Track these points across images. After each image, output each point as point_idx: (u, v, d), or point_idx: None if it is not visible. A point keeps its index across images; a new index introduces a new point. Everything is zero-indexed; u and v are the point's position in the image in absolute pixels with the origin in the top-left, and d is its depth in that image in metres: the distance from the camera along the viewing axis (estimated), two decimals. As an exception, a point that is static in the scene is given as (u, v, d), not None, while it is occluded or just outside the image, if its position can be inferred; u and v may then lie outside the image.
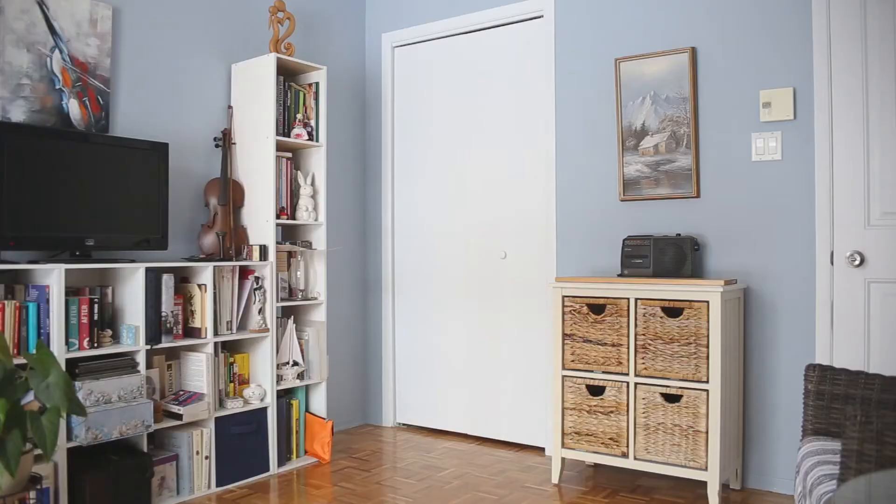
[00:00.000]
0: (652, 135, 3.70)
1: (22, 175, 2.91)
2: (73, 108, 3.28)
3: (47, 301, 2.87)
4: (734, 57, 3.51)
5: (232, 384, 3.64)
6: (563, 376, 3.52)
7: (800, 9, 3.34)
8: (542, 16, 4.11)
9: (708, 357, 3.15)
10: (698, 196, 3.60)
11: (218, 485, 3.46)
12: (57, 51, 3.22)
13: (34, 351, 2.59)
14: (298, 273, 3.96)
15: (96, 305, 3.05)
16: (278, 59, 3.78)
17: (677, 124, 3.63)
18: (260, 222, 3.77)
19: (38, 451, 2.57)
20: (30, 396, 2.56)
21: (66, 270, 2.98)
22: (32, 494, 2.56)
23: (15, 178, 2.88)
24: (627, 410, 3.34)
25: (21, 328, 2.80)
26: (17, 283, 2.95)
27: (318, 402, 4.01)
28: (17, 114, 3.09)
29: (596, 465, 3.84)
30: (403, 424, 4.74)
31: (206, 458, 3.41)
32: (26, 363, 2.60)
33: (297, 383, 3.86)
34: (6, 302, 2.76)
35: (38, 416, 2.24)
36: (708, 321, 3.15)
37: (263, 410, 3.68)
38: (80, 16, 3.30)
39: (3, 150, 2.85)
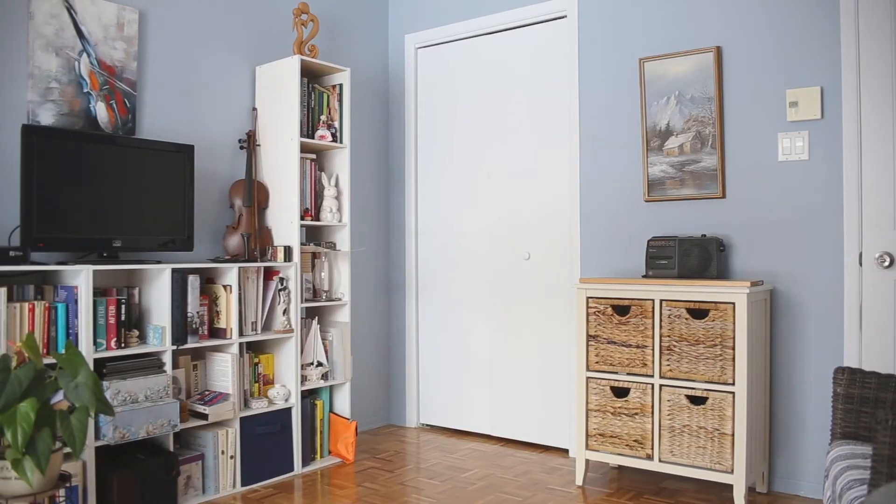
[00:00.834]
0: (677, 135, 3.67)
1: (51, 177, 2.95)
2: (101, 111, 3.32)
3: (76, 301, 2.91)
4: (760, 56, 3.47)
5: (257, 384, 3.66)
6: (588, 378, 3.51)
7: (827, 6, 3.30)
8: (565, 16, 4.10)
9: (734, 359, 3.12)
10: (724, 197, 3.57)
11: (243, 484, 3.49)
12: (85, 55, 3.26)
13: (63, 351, 2.62)
14: (322, 274, 3.97)
15: (123, 306, 3.08)
16: (302, 61, 3.80)
17: (702, 124, 3.60)
18: (284, 223, 3.79)
19: (68, 450, 2.60)
20: (59, 396, 2.60)
21: (94, 271, 3.02)
22: (62, 492, 2.60)
23: (44, 180, 2.92)
24: (652, 412, 3.32)
25: (50, 328, 2.84)
26: (47, 284, 2.99)
27: (342, 403, 4.02)
28: (47, 117, 3.13)
29: (620, 467, 3.82)
30: (427, 425, 4.75)
31: (232, 457, 3.44)
32: (56, 363, 2.63)
33: (322, 384, 3.87)
34: (36, 302, 2.80)
35: (67, 416, 2.27)
36: (734, 323, 3.12)
37: (288, 411, 3.70)
38: (108, 20, 3.34)
39: (32, 152, 2.89)
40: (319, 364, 3.90)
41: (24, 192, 2.87)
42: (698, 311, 3.22)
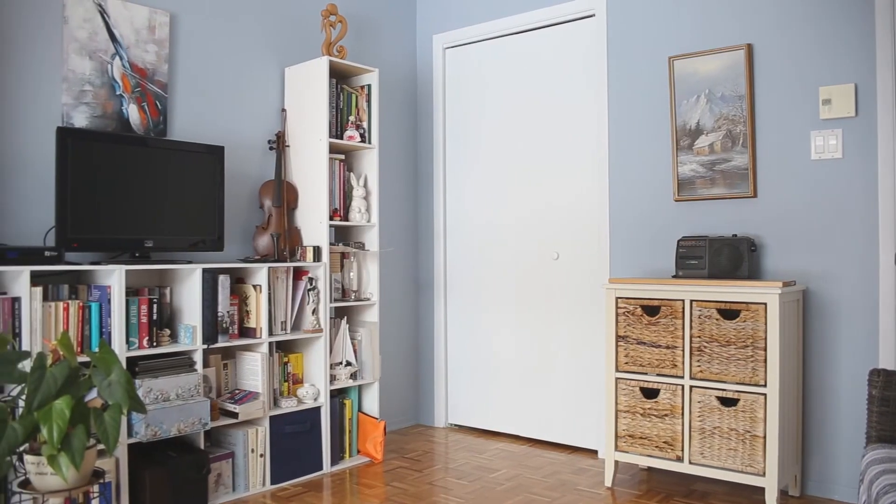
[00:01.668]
0: (707, 134, 3.63)
1: (84, 179, 2.99)
2: (133, 112, 3.36)
3: (109, 301, 2.95)
4: (792, 53, 3.43)
5: (286, 383, 3.69)
6: (617, 378, 3.48)
7: (861, 1, 3.24)
8: (593, 15, 4.07)
9: (766, 360, 3.08)
10: (755, 196, 3.52)
11: (272, 482, 3.51)
12: (117, 57, 3.31)
13: (97, 349, 2.66)
14: (351, 274, 3.99)
15: (155, 305, 3.12)
16: (331, 62, 3.82)
17: (733, 123, 3.56)
18: (313, 223, 3.81)
19: (101, 447, 2.64)
20: (93, 393, 2.64)
21: (127, 271, 3.06)
22: (96, 488, 2.64)
23: (78, 181, 2.97)
24: (682, 413, 3.29)
25: (84, 327, 2.88)
26: (81, 284, 3.04)
27: (371, 402, 4.04)
28: (80, 119, 3.18)
29: (649, 469, 3.79)
30: (455, 425, 4.75)
31: (261, 456, 3.46)
32: (89, 361, 2.67)
33: (350, 383, 3.89)
34: (70, 302, 2.84)
35: (100, 413, 2.30)
36: (765, 323, 3.08)
37: (317, 410, 3.72)
38: (139, 23, 3.38)
39: (66, 154, 2.93)
40: (348, 364, 3.92)
41: (59, 194, 2.92)
42: (729, 312, 3.19)
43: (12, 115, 3.00)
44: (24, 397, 2.25)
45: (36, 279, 2.77)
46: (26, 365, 2.52)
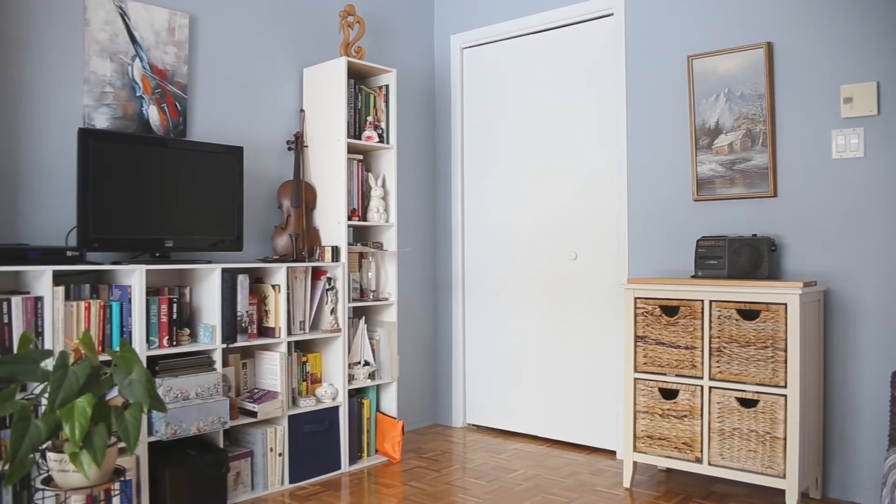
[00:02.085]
0: (726, 133, 3.61)
1: (105, 179, 3.02)
2: (153, 114, 3.39)
3: (129, 300, 2.98)
4: (813, 51, 3.40)
5: (304, 383, 3.70)
6: (636, 379, 3.47)
7: None
8: (612, 14, 4.06)
9: (786, 361, 3.05)
10: (775, 195, 3.49)
11: (291, 481, 3.53)
12: (137, 59, 3.34)
13: (118, 348, 2.69)
14: (370, 274, 4.00)
15: (175, 305, 3.14)
16: (349, 63, 3.84)
17: (753, 122, 3.53)
18: (332, 223, 3.83)
19: (122, 445, 2.67)
20: (114, 392, 2.66)
21: (147, 271, 3.09)
22: (117, 485, 2.66)
23: (99, 182, 3.00)
24: (701, 414, 3.27)
25: (105, 326, 2.91)
26: (102, 284, 3.07)
27: (389, 402, 4.05)
28: (101, 121, 3.21)
29: (668, 470, 3.77)
30: (473, 425, 4.74)
31: (280, 455, 3.48)
32: (111, 360, 2.69)
33: (369, 383, 3.90)
34: (91, 301, 2.87)
35: (121, 411, 2.32)
36: (786, 324, 3.05)
37: (335, 409, 3.74)
38: (159, 25, 3.41)
39: (88, 155, 2.97)
40: (366, 363, 3.93)
41: (81, 194, 2.95)
42: (749, 312, 3.16)
43: (35, 117, 3.04)
44: (46, 395, 2.28)
45: (58, 279, 2.80)
46: (49, 363, 2.55)
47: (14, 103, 2.98)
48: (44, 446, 2.33)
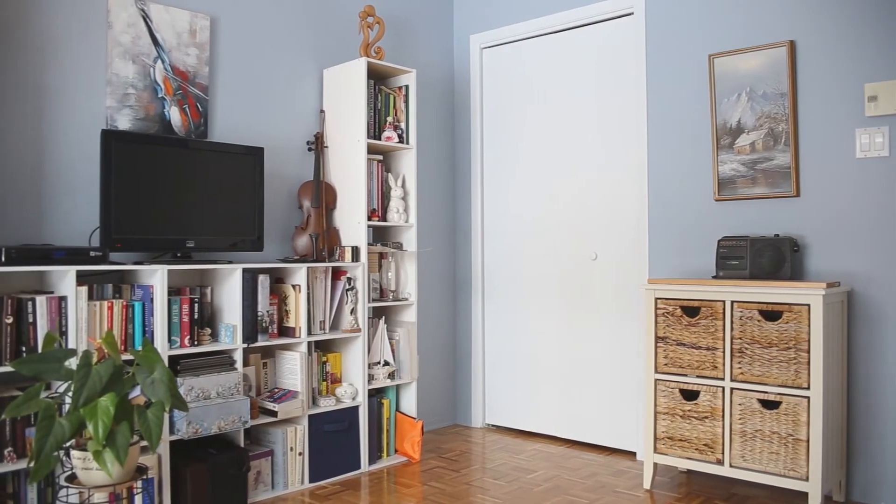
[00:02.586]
0: (748, 132, 3.58)
1: (128, 180, 3.05)
2: (175, 115, 3.42)
3: (151, 300, 3.00)
4: (836, 49, 3.36)
5: (324, 383, 3.72)
6: (656, 380, 3.45)
7: (909, -3, 3.17)
8: (632, 13, 4.04)
9: (809, 362, 3.02)
10: (798, 195, 3.46)
11: (311, 481, 3.54)
12: (159, 61, 3.37)
13: (140, 348, 2.71)
14: (389, 274, 4.01)
15: (196, 305, 3.17)
16: (368, 63, 3.84)
17: (775, 121, 3.50)
18: (352, 224, 3.84)
19: (144, 443, 2.69)
20: (136, 391, 2.69)
21: (169, 271, 3.11)
22: (139, 483, 2.68)
23: (122, 183, 3.03)
24: (723, 416, 3.24)
25: (128, 326, 2.93)
26: (124, 283, 3.10)
27: (409, 402, 4.05)
28: (124, 122, 3.24)
29: (689, 472, 3.75)
30: (492, 425, 4.74)
31: (300, 454, 3.50)
32: (133, 359, 2.72)
33: (388, 383, 3.91)
34: (114, 301, 2.90)
35: (144, 410, 2.34)
36: (809, 325, 3.02)
37: (355, 409, 3.75)
38: (181, 27, 3.44)
39: (110, 156, 3.00)
40: (386, 363, 3.93)
41: (104, 195, 2.98)
42: (771, 313, 3.14)
43: (59, 119, 3.07)
44: (70, 394, 2.30)
45: (81, 279, 2.83)
46: (73, 363, 2.58)
47: (38, 105, 3.02)
48: (68, 444, 2.36)
